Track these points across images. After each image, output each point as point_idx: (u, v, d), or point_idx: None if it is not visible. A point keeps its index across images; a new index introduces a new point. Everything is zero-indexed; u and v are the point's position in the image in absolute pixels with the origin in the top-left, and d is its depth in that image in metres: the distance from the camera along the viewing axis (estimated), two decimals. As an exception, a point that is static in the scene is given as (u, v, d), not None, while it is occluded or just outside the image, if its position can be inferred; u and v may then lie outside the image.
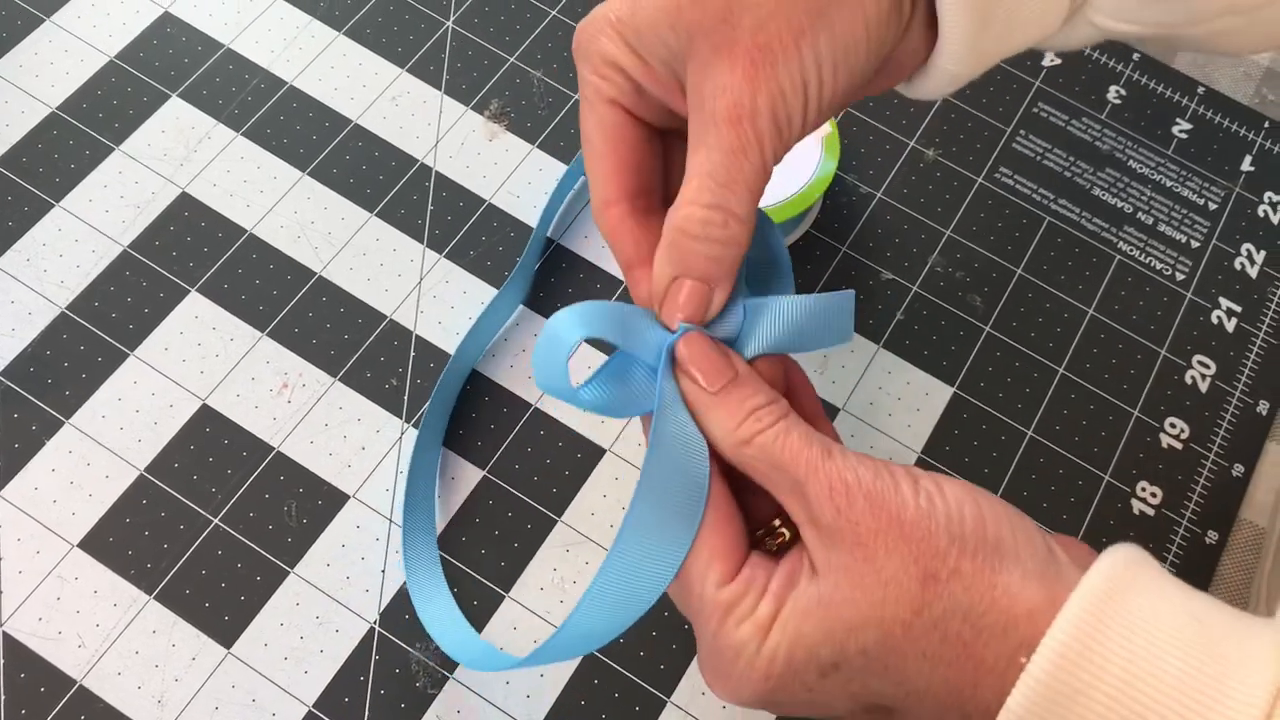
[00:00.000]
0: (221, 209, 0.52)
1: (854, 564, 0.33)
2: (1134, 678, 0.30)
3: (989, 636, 0.32)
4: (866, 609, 0.32)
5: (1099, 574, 0.31)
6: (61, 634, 0.44)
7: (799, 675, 0.33)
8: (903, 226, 0.55)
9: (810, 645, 0.33)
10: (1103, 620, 0.31)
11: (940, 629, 0.32)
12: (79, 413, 0.47)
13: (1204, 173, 0.58)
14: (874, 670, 0.32)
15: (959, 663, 0.32)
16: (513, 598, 0.46)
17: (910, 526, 0.32)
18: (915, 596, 0.32)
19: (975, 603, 0.32)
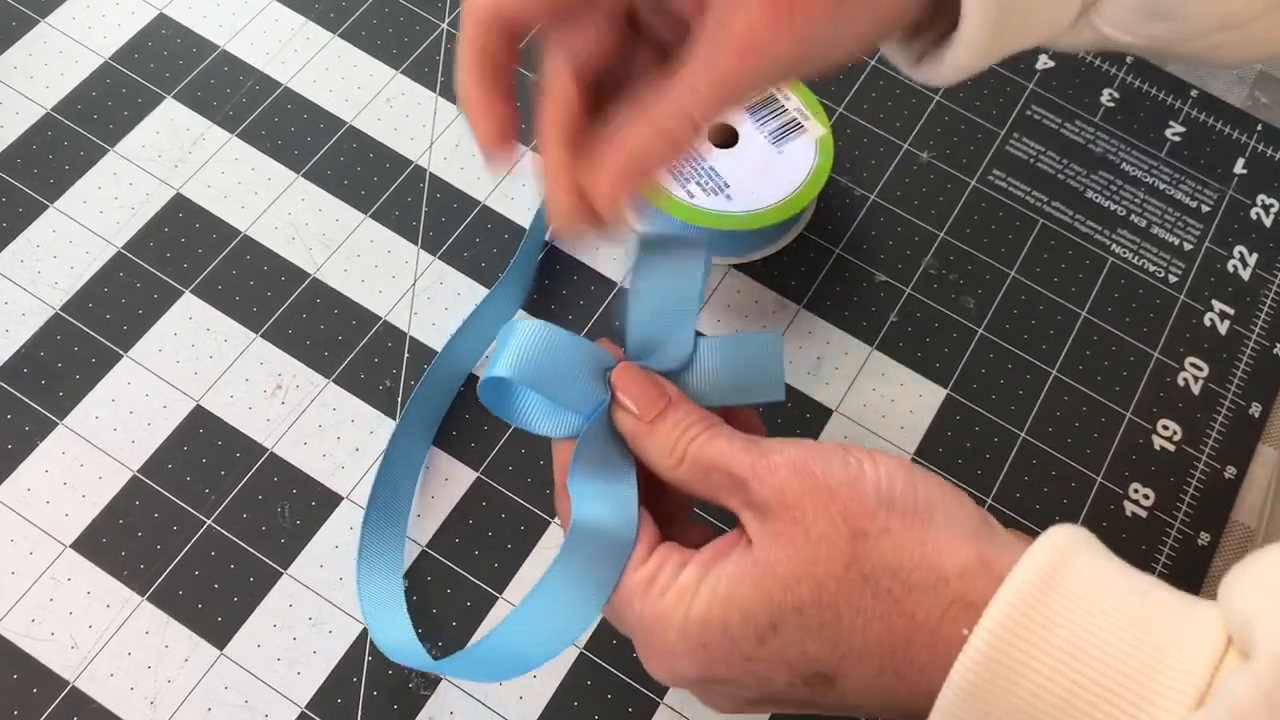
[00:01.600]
0: (216, 210, 0.52)
1: (785, 527, 0.33)
2: (1075, 649, 0.30)
3: (919, 593, 0.32)
4: (799, 565, 0.33)
5: (1042, 548, 0.32)
6: (54, 635, 0.44)
7: (737, 642, 0.33)
8: (896, 228, 0.55)
9: (745, 607, 0.33)
10: (1045, 592, 0.31)
11: (871, 583, 0.32)
12: (72, 414, 0.47)
13: (1197, 175, 0.58)
14: (810, 629, 0.33)
15: (890, 618, 0.32)
16: (506, 599, 0.46)
17: (839, 488, 0.33)
18: (845, 552, 0.33)
19: (904, 559, 0.33)
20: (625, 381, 0.37)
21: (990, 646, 0.30)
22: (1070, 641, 0.30)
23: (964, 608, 0.32)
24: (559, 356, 0.37)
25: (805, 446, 0.35)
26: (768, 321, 0.52)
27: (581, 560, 0.35)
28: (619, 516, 0.36)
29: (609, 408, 0.37)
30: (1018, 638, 0.30)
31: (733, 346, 0.38)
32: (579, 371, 0.37)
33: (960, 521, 0.34)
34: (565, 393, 0.37)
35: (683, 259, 0.39)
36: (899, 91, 0.59)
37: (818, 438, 0.50)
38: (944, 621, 0.32)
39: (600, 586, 0.35)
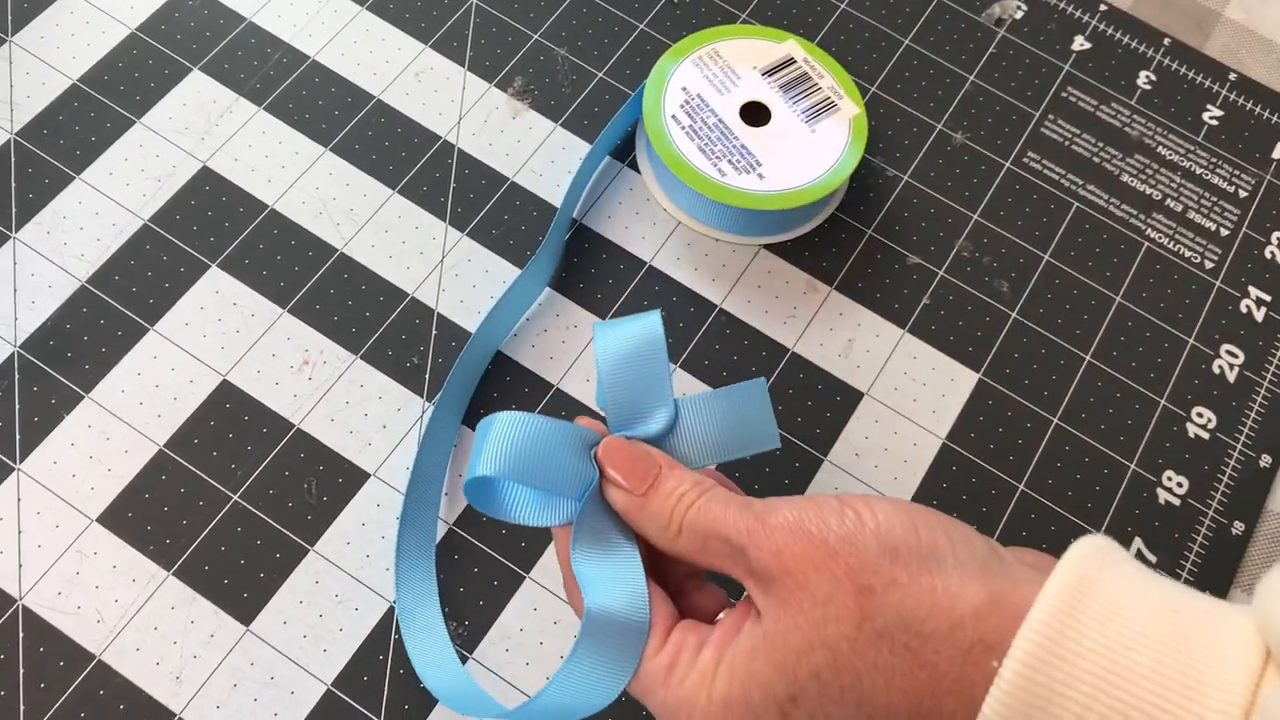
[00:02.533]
0: (243, 184, 0.52)
1: (789, 593, 0.33)
2: (1109, 674, 0.29)
3: (936, 641, 0.31)
4: (809, 630, 0.32)
5: (1066, 569, 0.31)
6: (80, 609, 0.43)
7: (757, 716, 0.32)
8: (929, 210, 0.55)
9: (763, 682, 0.32)
10: (1073, 618, 0.30)
11: (886, 639, 0.31)
12: (98, 387, 0.47)
13: (1234, 160, 0.58)
14: (831, 695, 0.32)
15: (911, 672, 0.31)
16: (532, 578, 0.46)
17: (838, 545, 0.32)
18: (854, 611, 0.32)
19: (915, 609, 0.31)
20: (612, 456, 0.36)
21: (1020, 677, 0.29)
22: (1103, 667, 0.29)
23: (984, 650, 0.31)
24: (541, 444, 0.36)
25: (799, 505, 0.34)
26: (798, 303, 0.52)
27: (599, 648, 0.34)
28: (629, 600, 0.35)
29: (599, 485, 0.36)
30: (1050, 665, 0.29)
31: (716, 401, 0.38)
32: (564, 455, 0.36)
33: (968, 560, 0.32)
34: (554, 480, 0.35)
35: (640, 325, 0.38)
36: (933, 71, 0.58)
37: (848, 422, 0.49)
38: (966, 666, 0.31)
39: (619, 673, 0.34)
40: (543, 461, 0.35)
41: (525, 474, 0.35)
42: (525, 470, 0.35)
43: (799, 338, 0.51)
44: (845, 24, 0.59)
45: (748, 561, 0.33)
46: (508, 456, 0.35)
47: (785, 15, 0.59)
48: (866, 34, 0.59)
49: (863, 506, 0.33)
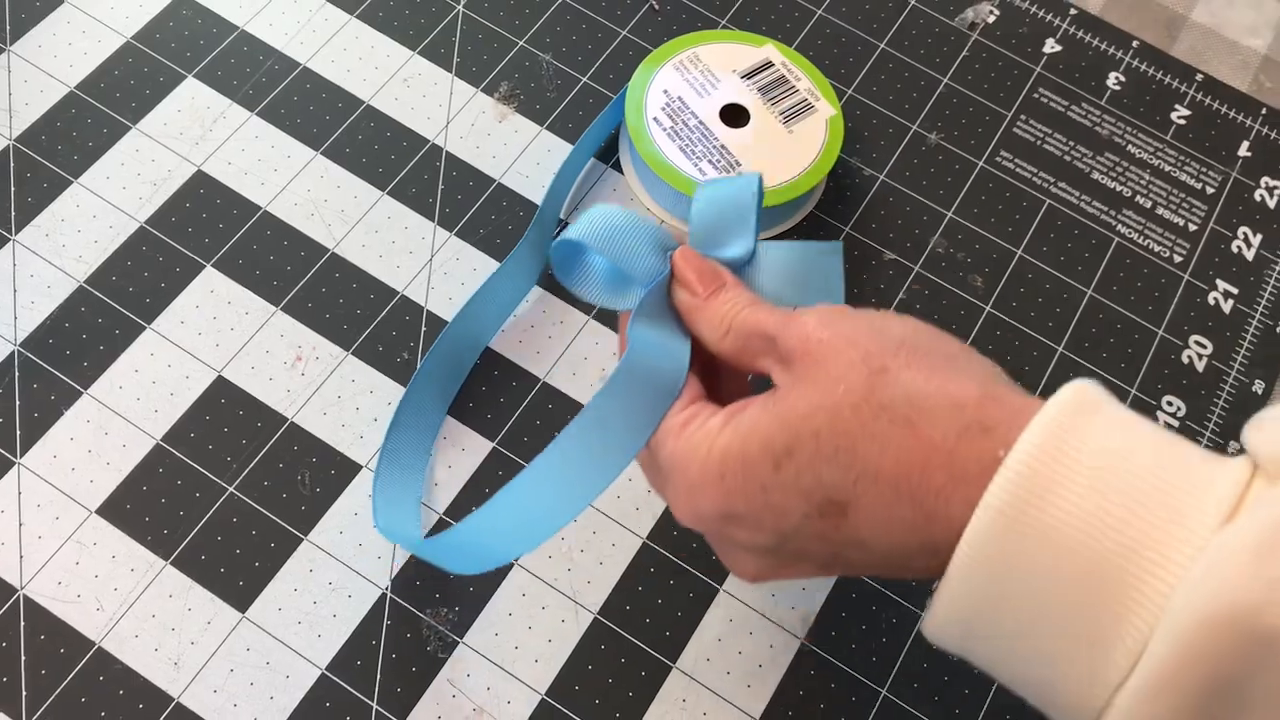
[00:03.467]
0: (236, 187, 0.53)
1: (807, 370, 0.35)
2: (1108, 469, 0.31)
3: (936, 416, 0.33)
4: (817, 398, 0.34)
5: (1072, 388, 0.32)
6: (80, 597, 0.45)
7: (753, 469, 0.34)
8: (905, 208, 0.56)
9: (763, 436, 0.34)
10: (1079, 416, 0.31)
11: (888, 412, 0.33)
12: (97, 383, 0.48)
13: (1202, 158, 0.59)
14: (825, 454, 0.33)
15: (906, 441, 0.33)
16: (521, 565, 0.47)
17: (862, 334, 0.35)
18: (865, 384, 0.34)
19: (922, 389, 0.33)
20: (686, 259, 0.39)
21: (1027, 466, 0.31)
22: (1103, 461, 0.31)
23: (981, 430, 0.32)
24: (628, 229, 0.39)
25: (835, 306, 0.37)
26: (778, 298, 0.53)
27: (631, 391, 0.37)
28: (671, 363, 0.38)
29: (668, 281, 0.39)
30: (1053, 458, 0.31)
31: (794, 251, 0.41)
32: (644, 245, 0.39)
33: (979, 370, 0.35)
34: (629, 261, 0.39)
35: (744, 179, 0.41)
36: (908, 74, 0.60)
37: (827, 411, 0.51)
38: (960, 443, 0.32)
39: (646, 420, 0.37)
40: (625, 243, 0.39)
41: (607, 248, 0.39)
42: (608, 245, 0.39)
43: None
44: (822, 29, 0.60)
45: (777, 349, 0.36)
46: (597, 230, 0.39)
47: (764, 20, 0.60)
48: (843, 38, 0.60)
49: (892, 314, 0.36)
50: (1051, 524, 0.30)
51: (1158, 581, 0.29)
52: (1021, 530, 0.30)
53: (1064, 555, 0.30)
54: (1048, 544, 0.30)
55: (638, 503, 0.48)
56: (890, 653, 0.46)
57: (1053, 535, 0.30)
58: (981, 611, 0.32)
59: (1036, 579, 0.31)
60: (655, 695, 0.45)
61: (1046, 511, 0.30)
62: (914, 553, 0.34)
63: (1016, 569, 0.31)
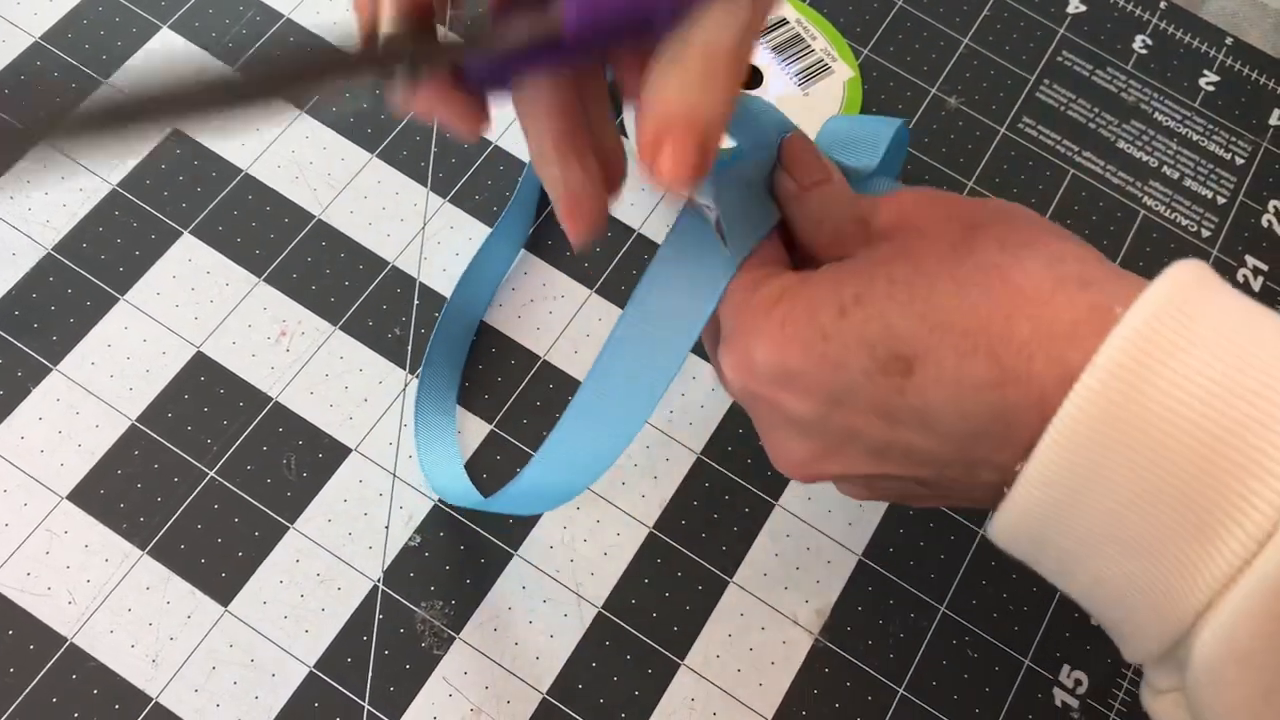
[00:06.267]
0: (215, 147, 0.50)
1: (896, 233, 0.32)
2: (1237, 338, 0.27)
3: (1030, 263, 0.29)
4: (901, 248, 0.31)
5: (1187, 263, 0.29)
6: (51, 590, 0.42)
7: (817, 315, 0.30)
8: (924, 177, 0.53)
9: (835, 280, 0.31)
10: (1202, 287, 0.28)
11: (975, 258, 0.30)
12: (67, 359, 0.45)
13: (1231, 126, 0.57)
14: (898, 298, 0.30)
15: (991, 286, 0.29)
16: (521, 556, 0.44)
17: (960, 204, 0.32)
18: (955, 235, 0.31)
19: (1019, 242, 0.30)
20: (795, 145, 0.34)
21: (1146, 325, 0.27)
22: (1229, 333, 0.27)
23: (1081, 284, 0.28)
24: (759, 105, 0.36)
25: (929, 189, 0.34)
26: (790, 272, 0.50)
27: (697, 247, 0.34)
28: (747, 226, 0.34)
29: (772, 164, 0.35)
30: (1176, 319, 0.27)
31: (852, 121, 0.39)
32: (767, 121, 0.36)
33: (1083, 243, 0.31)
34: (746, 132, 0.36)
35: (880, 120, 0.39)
36: (926, 34, 0.57)
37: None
38: (1057, 293, 0.28)
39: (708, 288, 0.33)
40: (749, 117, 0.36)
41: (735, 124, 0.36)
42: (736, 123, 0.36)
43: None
44: (837, -16, 0.57)
45: (871, 232, 0.33)
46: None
47: (775, -25, 0.57)
48: (859, -5, 0.57)
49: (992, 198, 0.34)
50: (1171, 391, 0.26)
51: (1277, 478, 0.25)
52: (1138, 397, 0.26)
53: (1184, 427, 0.26)
54: (1167, 414, 0.26)
55: (644, 490, 0.46)
56: (908, 650, 0.44)
57: (1172, 404, 0.26)
58: (1078, 489, 0.28)
59: (1148, 452, 0.27)
60: (662, 694, 0.43)
61: (1165, 378, 0.26)
62: (984, 431, 0.29)
63: (1127, 439, 0.27)
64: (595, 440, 0.35)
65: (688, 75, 0.28)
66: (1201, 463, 0.26)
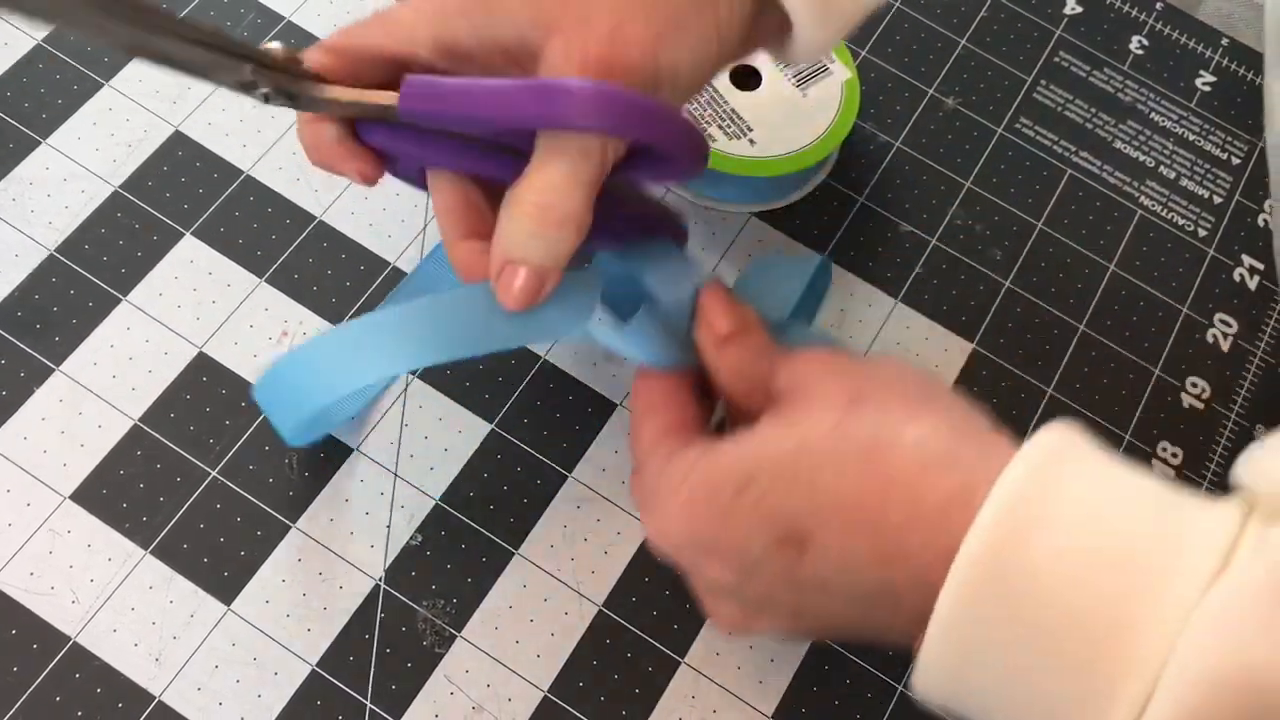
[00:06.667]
0: (217, 149, 0.50)
1: (789, 402, 0.34)
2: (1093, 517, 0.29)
3: (901, 450, 0.31)
4: (788, 427, 0.33)
5: (1054, 430, 0.31)
6: (54, 589, 0.42)
7: (718, 494, 0.33)
8: (922, 177, 0.54)
9: (732, 460, 0.33)
10: (1064, 459, 0.30)
11: (854, 440, 0.32)
12: (69, 359, 0.45)
13: (1228, 126, 0.57)
14: (785, 478, 0.32)
15: (869, 468, 0.31)
16: (522, 554, 0.44)
17: (852, 373, 0.34)
18: (838, 412, 0.33)
19: (891, 419, 0.32)
20: (712, 298, 0.38)
21: (1007, 508, 0.29)
22: (1089, 508, 0.29)
23: (950, 464, 0.30)
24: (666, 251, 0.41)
25: (834, 349, 0.37)
26: (789, 272, 0.51)
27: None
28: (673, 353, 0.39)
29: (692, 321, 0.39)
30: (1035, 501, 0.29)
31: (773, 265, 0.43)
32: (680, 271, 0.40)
33: (963, 412, 0.33)
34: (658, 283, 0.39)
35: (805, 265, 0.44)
36: (924, 35, 0.57)
37: (841, 392, 0.49)
38: (927, 474, 0.31)
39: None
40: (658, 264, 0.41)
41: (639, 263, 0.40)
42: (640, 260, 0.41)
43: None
44: (835, -14, 0.57)
45: (771, 389, 0.35)
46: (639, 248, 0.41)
47: (773, -23, 0.57)
48: (856, -4, 0.57)
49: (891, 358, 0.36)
50: (1034, 571, 0.28)
51: (1155, 638, 0.27)
52: (1007, 576, 0.29)
53: (1050, 606, 0.28)
54: (1032, 592, 0.28)
55: (644, 488, 0.46)
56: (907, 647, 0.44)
57: (1037, 584, 0.28)
58: (970, 660, 0.30)
59: (1023, 627, 0.29)
60: (663, 691, 0.43)
61: (1029, 557, 0.28)
62: (875, 597, 0.32)
63: (1003, 615, 0.29)
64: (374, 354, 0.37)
65: (522, 225, 0.34)
66: (1072, 643, 0.28)
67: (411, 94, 0.34)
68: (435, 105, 0.34)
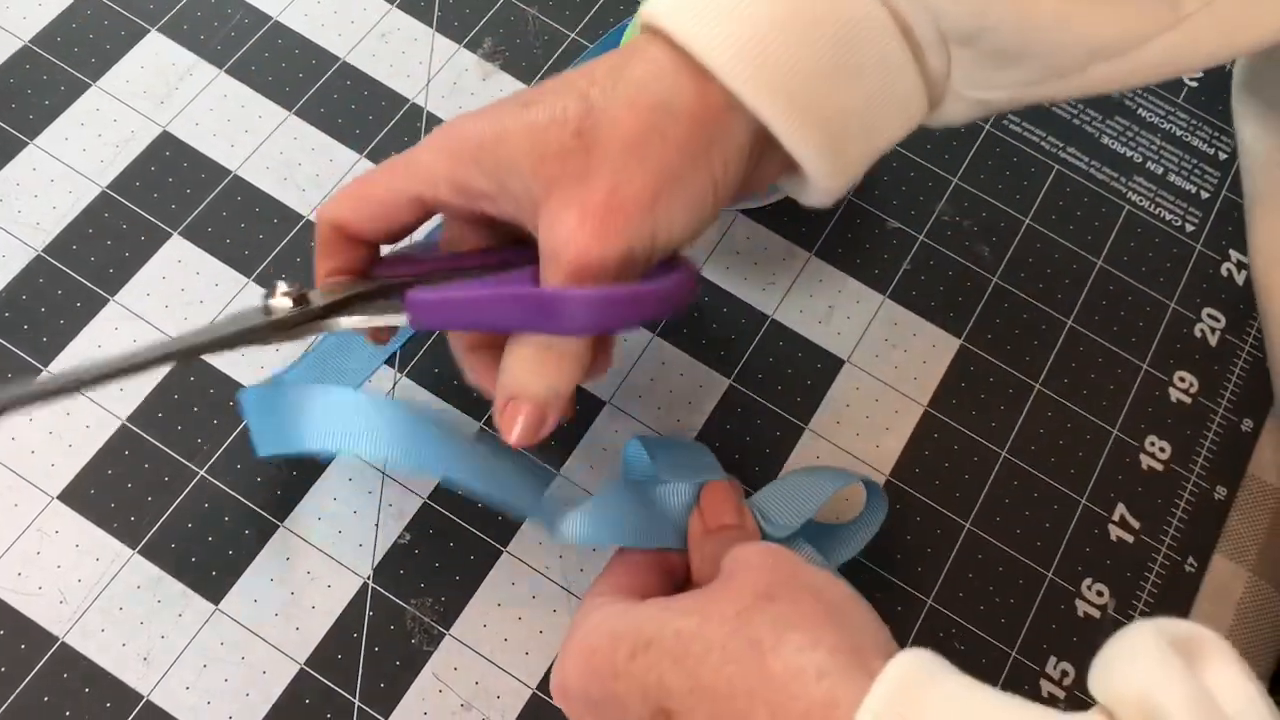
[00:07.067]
0: (204, 149, 0.50)
1: (718, 580, 0.35)
2: None
3: (785, 650, 0.32)
4: (698, 602, 0.34)
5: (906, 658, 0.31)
6: (42, 589, 0.42)
7: (615, 652, 0.34)
8: (909, 173, 0.54)
9: (637, 622, 0.34)
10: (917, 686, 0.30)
11: (750, 630, 0.32)
12: (56, 360, 0.46)
13: (1215, 122, 0.57)
14: (676, 655, 0.33)
15: (748, 663, 0.32)
16: (510, 552, 0.44)
17: (783, 569, 0.35)
18: (745, 601, 0.33)
19: (790, 621, 0.32)
20: (714, 494, 0.40)
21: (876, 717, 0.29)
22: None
23: (819, 675, 0.31)
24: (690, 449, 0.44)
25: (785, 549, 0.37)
26: (777, 269, 0.51)
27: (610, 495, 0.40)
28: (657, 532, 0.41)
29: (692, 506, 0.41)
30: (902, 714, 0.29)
31: None
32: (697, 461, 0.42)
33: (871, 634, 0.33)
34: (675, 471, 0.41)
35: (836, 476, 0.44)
36: (911, 32, 0.57)
37: (829, 389, 0.49)
38: (795, 681, 0.31)
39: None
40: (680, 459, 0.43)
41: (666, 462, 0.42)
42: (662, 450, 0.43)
43: (778, 305, 0.50)
44: (822, -17, 0.57)
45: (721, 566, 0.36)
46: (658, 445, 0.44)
47: (761, -26, 0.57)
48: (844, -6, 0.57)
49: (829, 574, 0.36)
50: None
51: None
52: None
53: None
54: None
55: (632, 486, 0.46)
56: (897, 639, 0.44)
57: None
58: None
59: None
60: (651, 688, 0.43)
61: None
62: None
63: None
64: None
65: (524, 364, 0.36)
66: None
67: (418, 309, 0.37)
68: (440, 319, 0.38)
